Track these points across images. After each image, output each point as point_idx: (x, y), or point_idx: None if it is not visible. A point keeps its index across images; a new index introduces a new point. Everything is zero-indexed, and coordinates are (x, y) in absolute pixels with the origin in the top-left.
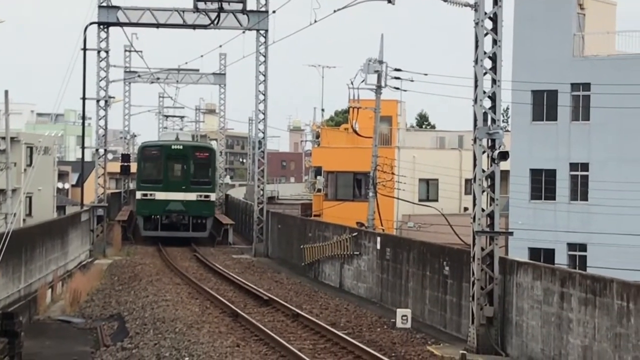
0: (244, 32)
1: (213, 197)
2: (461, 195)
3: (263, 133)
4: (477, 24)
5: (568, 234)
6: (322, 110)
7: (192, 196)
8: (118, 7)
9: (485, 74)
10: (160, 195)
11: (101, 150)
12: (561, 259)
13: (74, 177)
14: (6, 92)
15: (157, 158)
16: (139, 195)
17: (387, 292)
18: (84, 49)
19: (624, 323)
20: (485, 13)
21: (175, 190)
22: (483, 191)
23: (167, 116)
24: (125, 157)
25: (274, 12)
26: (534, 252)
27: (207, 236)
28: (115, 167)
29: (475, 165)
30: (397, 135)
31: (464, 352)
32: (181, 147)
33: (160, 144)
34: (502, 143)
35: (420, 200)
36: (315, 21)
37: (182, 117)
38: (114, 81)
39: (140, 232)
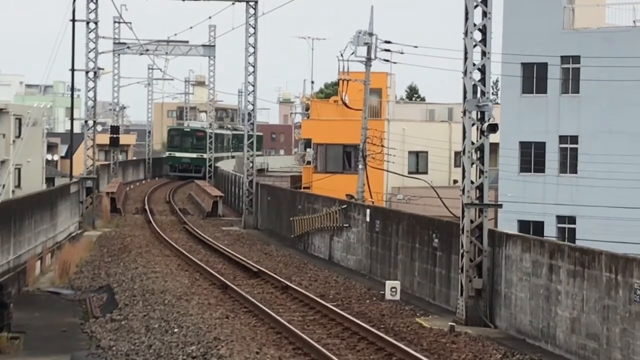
0: (233, 3)
1: (206, 156)
2: (450, 168)
3: (253, 105)
4: None
5: (557, 207)
6: (312, 82)
7: (194, 155)
8: None
9: (475, 46)
10: (178, 154)
11: (90, 122)
12: (550, 231)
13: (63, 149)
14: None
15: (177, 135)
16: (167, 154)
17: (377, 264)
18: (73, 20)
19: (612, 295)
20: None
21: (185, 151)
22: (472, 164)
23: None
24: (115, 129)
25: None
26: (523, 225)
27: (202, 176)
28: (104, 139)
29: (464, 137)
30: (386, 108)
31: (453, 323)
32: (189, 129)
33: (178, 128)
34: (492, 115)
35: (409, 172)
36: None
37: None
38: (103, 52)
39: (168, 173)
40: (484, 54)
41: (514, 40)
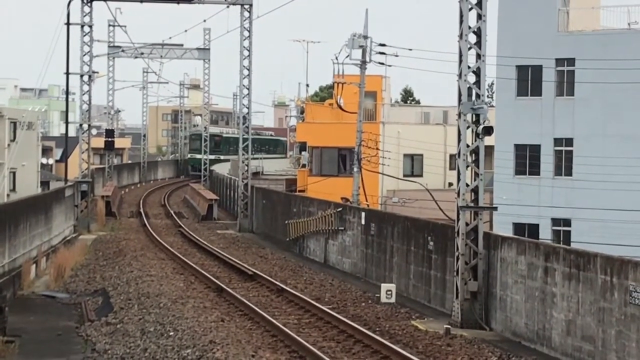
0: (228, 6)
1: (222, 158)
2: (446, 171)
3: (247, 108)
4: None
5: (552, 209)
6: (307, 85)
7: (212, 157)
8: None
9: (469, 48)
10: (197, 156)
11: (85, 126)
12: (545, 234)
13: (57, 153)
14: None
15: (197, 139)
16: (188, 156)
17: (372, 267)
18: (68, 24)
19: (607, 297)
20: None
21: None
22: (467, 166)
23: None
24: (109, 133)
25: None
26: (518, 228)
27: None
28: (99, 142)
29: (459, 140)
30: (381, 111)
31: (448, 326)
32: (207, 134)
33: (199, 132)
34: (487, 118)
35: (404, 175)
36: None
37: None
38: (98, 56)
39: (189, 173)
40: (478, 56)
41: (509, 43)
